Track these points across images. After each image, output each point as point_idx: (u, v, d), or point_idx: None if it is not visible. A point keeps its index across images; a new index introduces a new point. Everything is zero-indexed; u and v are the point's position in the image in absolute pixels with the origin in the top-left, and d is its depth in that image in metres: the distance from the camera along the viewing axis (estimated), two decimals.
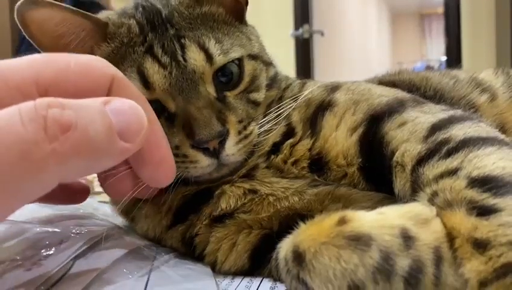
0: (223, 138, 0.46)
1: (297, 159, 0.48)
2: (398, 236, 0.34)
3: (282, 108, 0.51)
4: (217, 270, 0.46)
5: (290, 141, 0.49)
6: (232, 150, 0.47)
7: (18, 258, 0.37)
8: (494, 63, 3.18)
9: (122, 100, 0.32)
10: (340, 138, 0.47)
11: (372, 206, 0.39)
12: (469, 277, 0.31)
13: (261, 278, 0.44)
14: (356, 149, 0.46)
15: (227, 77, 0.49)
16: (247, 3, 0.54)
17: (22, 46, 2.85)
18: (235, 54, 0.49)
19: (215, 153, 0.46)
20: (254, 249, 0.45)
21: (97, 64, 0.35)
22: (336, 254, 0.34)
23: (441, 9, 4.18)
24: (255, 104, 0.51)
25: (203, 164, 0.46)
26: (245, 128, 0.48)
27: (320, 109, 0.51)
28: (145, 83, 0.46)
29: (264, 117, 0.50)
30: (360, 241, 0.34)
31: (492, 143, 0.40)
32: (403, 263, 0.33)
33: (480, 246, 0.31)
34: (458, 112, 0.48)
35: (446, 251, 0.33)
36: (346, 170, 0.47)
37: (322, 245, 0.35)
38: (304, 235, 0.37)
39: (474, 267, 0.31)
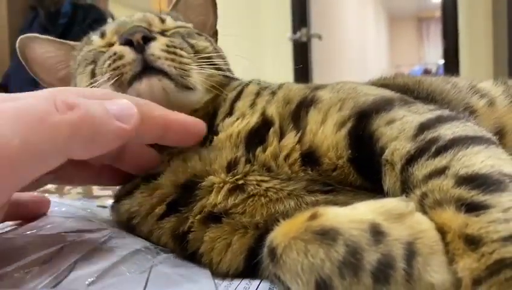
0: (148, 36, 0.53)
1: (288, 153, 0.48)
2: (367, 231, 0.33)
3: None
4: (213, 271, 0.46)
5: (272, 130, 0.49)
6: (157, 51, 0.52)
7: (21, 260, 0.38)
8: (491, 66, 3.19)
9: (111, 97, 0.41)
10: (328, 132, 0.48)
11: None
12: (462, 275, 0.31)
13: (260, 280, 0.44)
14: (346, 143, 0.47)
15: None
16: None
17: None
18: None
19: (140, 49, 0.52)
20: (250, 250, 0.45)
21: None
22: (304, 249, 0.33)
23: (438, 13, 4.20)
24: (192, 47, 0.59)
25: (128, 57, 0.52)
26: (174, 50, 0.54)
27: (303, 105, 0.51)
28: (102, 35, 0.62)
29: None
30: (326, 235, 0.33)
31: (480, 142, 0.40)
32: (370, 258, 0.32)
33: (472, 242, 0.31)
34: (445, 112, 0.48)
35: (421, 247, 0.33)
36: (337, 162, 0.47)
37: (291, 240, 0.35)
38: (278, 231, 0.37)
39: (467, 265, 0.31)
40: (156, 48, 0.52)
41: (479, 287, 0.29)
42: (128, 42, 0.53)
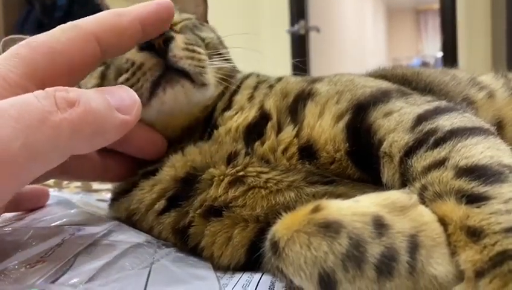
0: (167, 37, 0.49)
1: (285, 147, 0.48)
2: (370, 223, 0.33)
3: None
4: (215, 265, 0.46)
5: (270, 125, 0.49)
6: (178, 51, 0.50)
7: (21, 255, 0.37)
8: (489, 59, 3.19)
9: (111, 87, 0.38)
10: (326, 125, 0.48)
11: None
12: (465, 267, 0.31)
13: (261, 273, 0.44)
14: (344, 136, 0.47)
15: None
16: None
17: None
18: None
19: (161, 53, 0.49)
20: (251, 243, 0.45)
21: (73, 33, 0.39)
22: (307, 241, 0.33)
23: (436, 5, 4.18)
24: (203, 41, 0.57)
25: (148, 63, 0.48)
26: (192, 47, 0.52)
27: (301, 98, 0.51)
28: None
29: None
30: (329, 228, 0.33)
31: (479, 133, 0.40)
32: (374, 251, 0.32)
33: (474, 234, 0.31)
34: (443, 103, 0.48)
35: (424, 239, 0.33)
36: (334, 155, 0.47)
37: (294, 233, 0.34)
38: (281, 224, 0.37)
39: (469, 257, 0.30)
40: (178, 48, 0.50)
41: (481, 279, 0.29)
42: (149, 47, 0.49)
